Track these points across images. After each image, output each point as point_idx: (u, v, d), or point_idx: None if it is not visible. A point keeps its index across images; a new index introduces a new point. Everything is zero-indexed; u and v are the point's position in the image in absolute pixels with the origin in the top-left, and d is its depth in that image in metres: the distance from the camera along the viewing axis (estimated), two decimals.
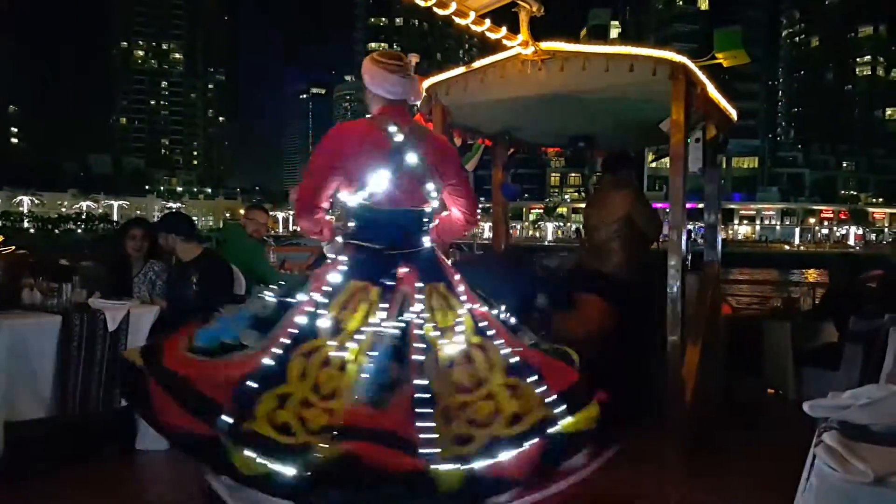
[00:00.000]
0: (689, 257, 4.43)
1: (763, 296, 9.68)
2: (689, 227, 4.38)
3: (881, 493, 1.66)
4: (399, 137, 2.70)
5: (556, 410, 2.39)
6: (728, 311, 5.71)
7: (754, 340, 5.28)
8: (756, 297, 9.33)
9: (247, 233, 5.53)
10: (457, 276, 2.75)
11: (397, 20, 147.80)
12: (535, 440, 2.31)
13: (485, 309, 2.70)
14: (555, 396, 2.42)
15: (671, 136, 4.09)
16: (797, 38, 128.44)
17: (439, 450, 2.18)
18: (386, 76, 2.77)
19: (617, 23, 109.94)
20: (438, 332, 2.52)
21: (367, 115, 2.87)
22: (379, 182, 2.65)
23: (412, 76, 2.85)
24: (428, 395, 2.31)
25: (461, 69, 4.78)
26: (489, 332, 2.59)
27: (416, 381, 2.33)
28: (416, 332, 2.47)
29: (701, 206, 4.92)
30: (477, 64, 4.68)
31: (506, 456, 2.25)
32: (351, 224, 2.72)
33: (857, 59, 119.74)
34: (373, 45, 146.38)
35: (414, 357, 2.40)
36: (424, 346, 2.45)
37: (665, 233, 4.74)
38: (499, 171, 6.07)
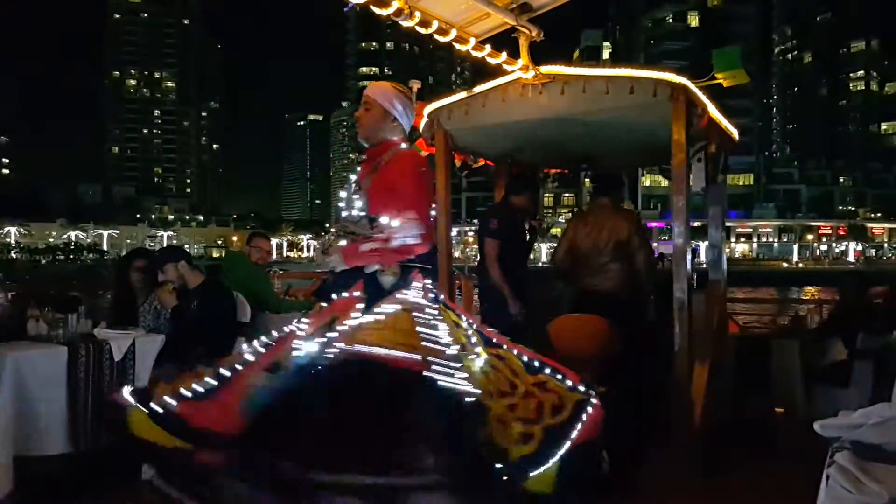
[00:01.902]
0: (695, 276, 4.42)
1: (764, 314, 9.64)
2: None
3: None
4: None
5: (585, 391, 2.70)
6: (735, 330, 5.69)
7: (762, 359, 5.25)
8: (759, 315, 9.29)
9: (250, 261, 5.53)
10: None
11: (388, 44, 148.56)
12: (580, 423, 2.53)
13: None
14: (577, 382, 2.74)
15: (673, 155, 4.11)
16: (790, 55, 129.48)
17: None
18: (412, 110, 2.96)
19: (608, 43, 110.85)
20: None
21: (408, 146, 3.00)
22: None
23: None
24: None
25: (462, 94, 4.80)
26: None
27: None
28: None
29: (697, 224, 4.91)
30: (478, 89, 4.69)
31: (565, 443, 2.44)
32: None
33: (851, 75, 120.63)
34: (364, 69, 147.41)
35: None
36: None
37: (669, 253, 4.73)
38: (500, 193, 6.08)
